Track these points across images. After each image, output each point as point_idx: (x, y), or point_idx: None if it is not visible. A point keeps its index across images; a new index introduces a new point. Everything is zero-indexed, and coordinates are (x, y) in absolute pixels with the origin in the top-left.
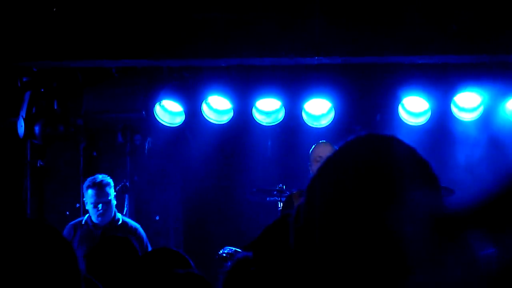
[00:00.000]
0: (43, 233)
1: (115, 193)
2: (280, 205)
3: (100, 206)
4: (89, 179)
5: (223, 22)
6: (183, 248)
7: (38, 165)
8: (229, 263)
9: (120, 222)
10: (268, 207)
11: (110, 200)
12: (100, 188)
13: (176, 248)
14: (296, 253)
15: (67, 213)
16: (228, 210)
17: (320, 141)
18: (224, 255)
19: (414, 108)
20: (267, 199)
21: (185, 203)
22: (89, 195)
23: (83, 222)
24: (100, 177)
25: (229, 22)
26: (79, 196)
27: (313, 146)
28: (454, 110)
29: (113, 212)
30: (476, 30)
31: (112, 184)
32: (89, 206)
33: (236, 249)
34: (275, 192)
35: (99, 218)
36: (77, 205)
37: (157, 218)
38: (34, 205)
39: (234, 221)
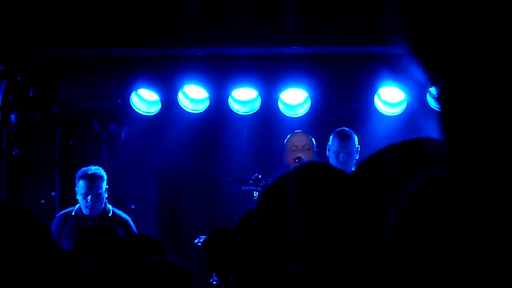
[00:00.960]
0: (17, 215)
1: (107, 186)
2: (256, 194)
3: (89, 198)
4: (82, 169)
5: (199, 11)
6: (159, 237)
7: (14, 153)
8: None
9: (110, 214)
10: (244, 196)
11: (100, 193)
12: (91, 180)
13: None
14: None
15: (43, 201)
16: (204, 199)
17: (296, 131)
18: (200, 244)
19: (390, 98)
20: (243, 188)
21: (161, 192)
22: (80, 186)
23: (73, 213)
24: (93, 169)
25: (206, 11)
26: (55, 185)
27: (289, 135)
28: (430, 100)
29: (104, 204)
30: None
31: (105, 177)
32: (79, 197)
33: None
34: (251, 182)
35: (87, 210)
36: (53, 193)
37: (133, 206)
38: (9, 193)
39: (210, 210)
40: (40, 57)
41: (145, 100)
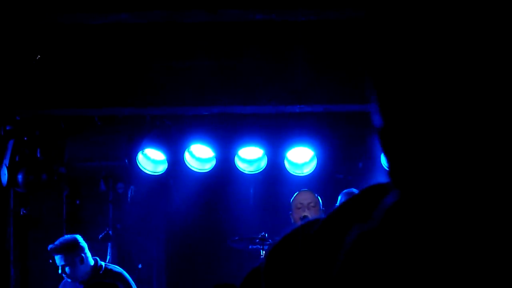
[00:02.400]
0: None
1: (83, 245)
2: (263, 253)
3: (67, 269)
4: (50, 246)
5: (204, 69)
6: None
7: (22, 213)
8: None
9: (102, 269)
10: (251, 255)
11: (76, 260)
12: (60, 253)
13: None
14: None
15: (50, 261)
16: (211, 258)
17: (302, 189)
18: None
19: None
20: (250, 247)
21: (168, 251)
22: (56, 261)
23: (69, 280)
24: (58, 241)
25: (211, 70)
26: None
27: (295, 194)
28: None
29: (89, 265)
30: None
31: (79, 242)
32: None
33: None
34: (257, 240)
35: (69, 280)
36: None
37: (140, 266)
38: (17, 253)
39: (217, 269)
40: (46, 117)
41: (151, 159)
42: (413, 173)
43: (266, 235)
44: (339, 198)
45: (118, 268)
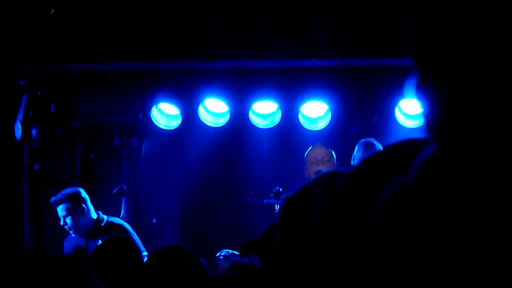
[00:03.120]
0: None
1: (86, 196)
2: (277, 207)
3: (68, 220)
4: (54, 196)
5: (219, 24)
6: None
7: (35, 168)
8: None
9: (104, 223)
10: (265, 210)
11: (78, 211)
12: (62, 203)
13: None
14: (281, 252)
15: None
16: (225, 212)
17: (316, 144)
18: (221, 257)
19: (410, 110)
20: (264, 201)
21: (182, 206)
22: (58, 212)
23: (73, 235)
24: (60, 193)
25: (226, 25)
26: None
27: (309, 148)
28: None
29: (90, 218)
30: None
31: (77, 193)
32: (62, 221)
33: (233, 251)
34: (272, 195)
35: (71, 232)
36: None
37: (154, 221)
38: (31, 208)
39: (231, 223)
40: (60, 72)
41: (165, 114)
42: (454, 126)
43: (281, 189)
44: (356, 147)
45: (118, 220)
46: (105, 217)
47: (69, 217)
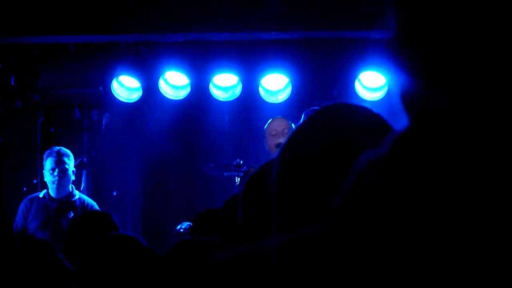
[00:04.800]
0: None
1: (74, 168)
2: (238, 180)
3: (56, 172)
4: (48, 150)
5: None
6: (141, 223)
7: None
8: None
9: (76, 197)
10: (226, 182)
11: (67, 169)
12: (58, 156)
13: (133, 222)
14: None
15: (24, 189)
16: (186, 185)
17: (276, 116)
18: (182, 230)
19: (371, 83)
20: (225, 174)
21: (143, 179)
22: (47, 163)
23: (40, 196)
24: (58, 147)
25: None
26: (37, 172)
27: (269, 121)
28: None
29: (70, 187)
30: None
31: (72, 157)
32: (46, 175)
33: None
34: (232, 167)
35: (55, 186)
36: (35, 181)
37: (115, 193)
38: None
39: (192, 196)
40: (21, 45)
41: (126, 87)
42: (430, 100)
43: (241, 162)
44: (302, 117)
45: (90, 200)
46: (77, 192)
47: (62, 173)
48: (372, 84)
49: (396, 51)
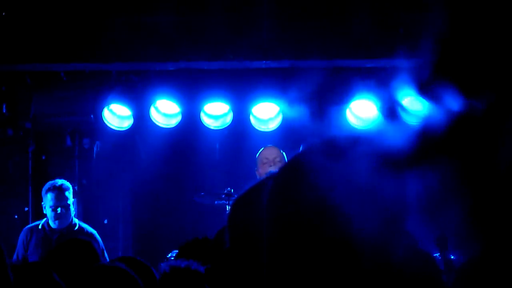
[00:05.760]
0: None
1: (74, 199)
2: (228, 208)
3: (59, 209)
4: (49, 183)
5: (171, 25)
6: (132, 251)
7: None
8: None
9: (76, 227)
10: (216, 210)
11: (69, 205)
12: (60, 192)
13: (124, 250)
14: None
15: (16, 216)
16: (177, 213)
17: (267, 145)
18: (173, 258)
19: (362, 112)
20: (215, 202)
21: (134, 206)
22: (48, 198)
23: (39, 227)
24: (59, 181)
25: (177, 26)
26: (28, 199)
27: (260, 149)
28: (402, 113)
29: (71, 218)
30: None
31: (71, 189)
32: (47, 210)
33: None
34: (223, 196)
35: (57, 222)
36: (26, 208)
37: (106, 221)
38: None
39: (183, 224)
40: (12, 72)
41: (117, 115)
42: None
43: (232, 190)
44: (301, 148)
45: (91, 229)
46: (77, 221)
47: (62, 208)
48: (363, 113)
49: (430, 81)
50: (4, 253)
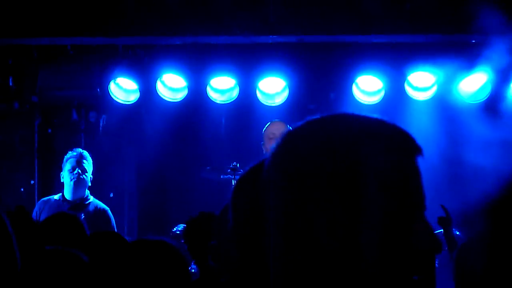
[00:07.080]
0: None
1: (91, 176)
2: (234, 183)
3: (76, 171)
4: (70, 151)
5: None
6: (137, 225)
7: None
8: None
9: (89, 201)
10: (222, 185)
11: (86, 170)
12: (80, 158)
13: (129, 224)
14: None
15: (22, 189)
16: (182, 187)
17: (274, 120)
18: (178, 232)
19: (367, 87)
20: (221, 176)
21: (140, 180)
22: (67, 164)
23: (55, 198)
24: (80, 150)
25: (184, 0)
26: (34, 173)
27: (267, 124)
28: (408, 89)
29: (86, 191)
30: (430, 10)
31: (91, 162)
32: (65, 174)
33: None
34: (229, 170)
35: (72, 185)
36: (32, 181)
37: (111, 195)
38: None
39: (188, 198)
40: (19, 46)
41: (123, 89)
42: None
43: (238, 165)
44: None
45: (103, 205)
46: (91, 197)
47: (84, 175)
48: (369, 88)
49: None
50: (6, 224)
